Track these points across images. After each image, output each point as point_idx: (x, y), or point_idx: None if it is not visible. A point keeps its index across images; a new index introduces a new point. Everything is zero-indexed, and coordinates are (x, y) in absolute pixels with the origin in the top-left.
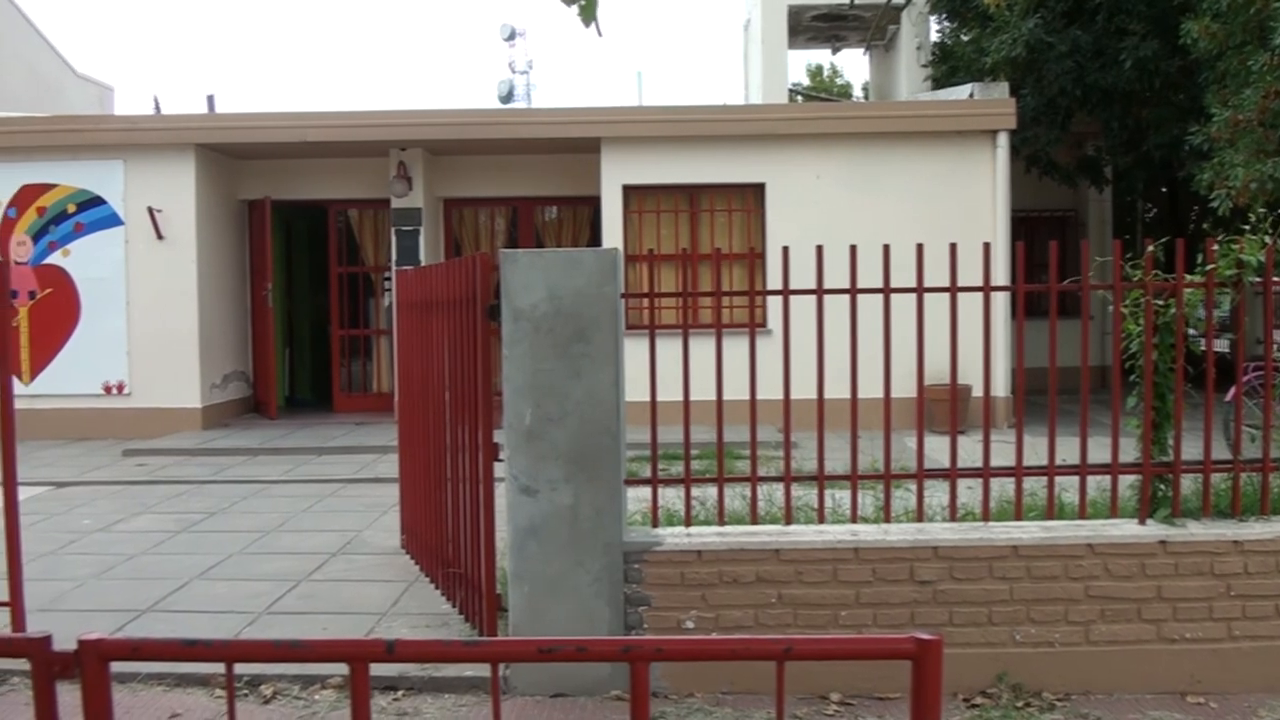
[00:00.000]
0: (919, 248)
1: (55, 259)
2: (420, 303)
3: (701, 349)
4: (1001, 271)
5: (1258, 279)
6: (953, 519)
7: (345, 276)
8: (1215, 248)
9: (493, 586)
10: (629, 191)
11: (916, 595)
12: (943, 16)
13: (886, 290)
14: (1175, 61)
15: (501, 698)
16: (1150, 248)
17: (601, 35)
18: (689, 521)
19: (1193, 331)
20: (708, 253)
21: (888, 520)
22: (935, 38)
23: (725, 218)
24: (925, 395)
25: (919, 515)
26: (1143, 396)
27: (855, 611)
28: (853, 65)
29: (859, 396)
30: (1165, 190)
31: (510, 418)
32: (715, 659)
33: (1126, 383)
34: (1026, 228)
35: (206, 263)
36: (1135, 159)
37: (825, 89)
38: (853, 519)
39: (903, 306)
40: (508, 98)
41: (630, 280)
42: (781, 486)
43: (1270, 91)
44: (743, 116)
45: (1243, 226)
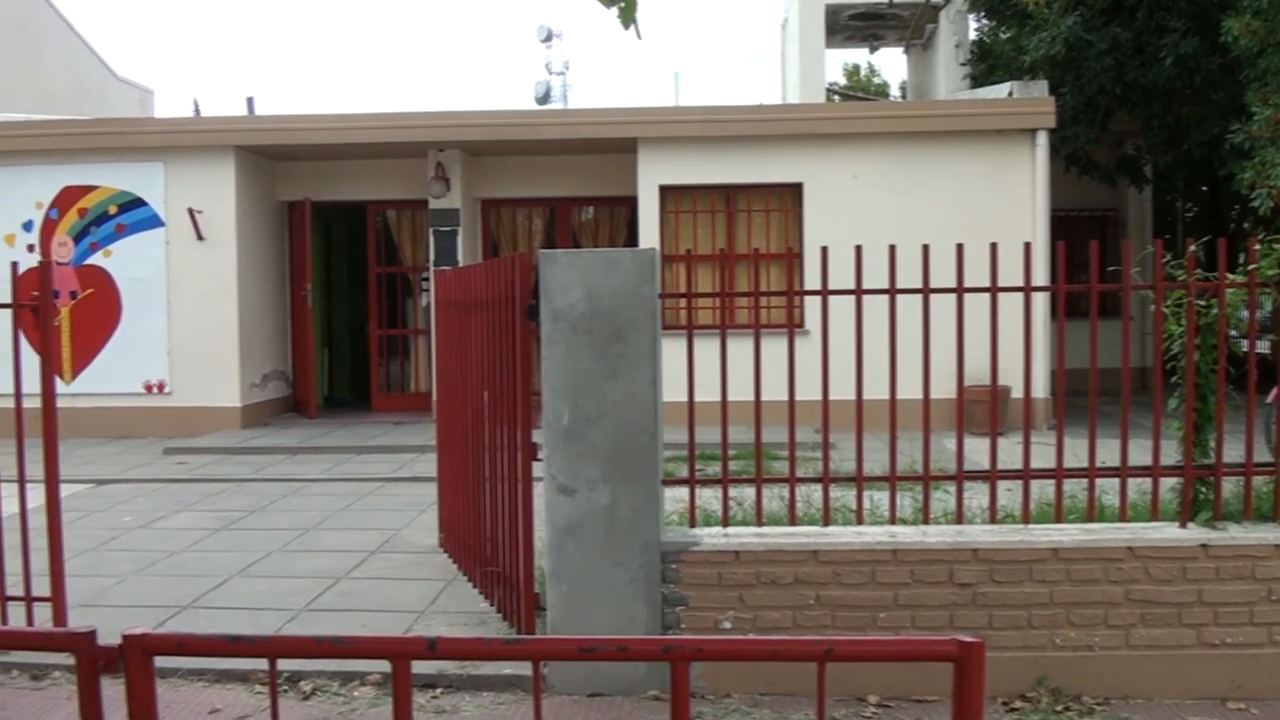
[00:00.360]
0: (958, 248)
1: (97, 259)
2: (459, 303)
3: (739, 349)
4: (1041, 272)
5: None
6: (992, 521)
7: (383, 277)
8: (1257, 247)
9: (531, 585)
10: (666, 191)
11: (955, 597)
12: (981, 15)
13: (926, 290)
14: (1216, 59)
15: None
16: (1192, 247)
17: (641, 38)
18: (726, 522)
19: (1234, 333)
20: (745, 253)
21: (926, 522)
22: (974, 36)
23: (762, 218)
24: (964, 396)
25: (958, 517)
26: (1184, 398)
27: (894, 613)
28: (890, 64)
29: (898, 397)
30: (1205, 189)
31: (548, 417)
32: (755, 659)
33: (1167, 384)
34: (1065, 227)
35: (246, 263)
36: (1175, 158)
37: (862, 88)
38: (891, 520)
39: (942, 307)
40: (544, 99)
41: (667, 280)
42: (819, 487)
43: None
44: (780, 116)
45: None
